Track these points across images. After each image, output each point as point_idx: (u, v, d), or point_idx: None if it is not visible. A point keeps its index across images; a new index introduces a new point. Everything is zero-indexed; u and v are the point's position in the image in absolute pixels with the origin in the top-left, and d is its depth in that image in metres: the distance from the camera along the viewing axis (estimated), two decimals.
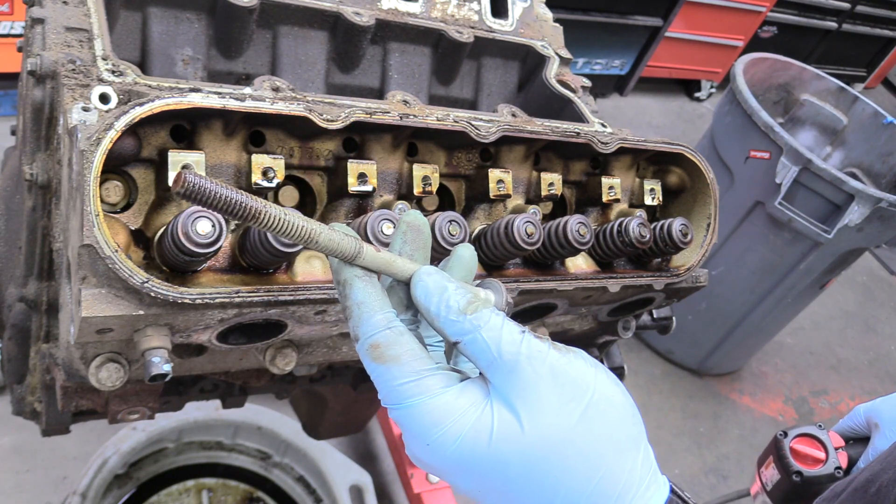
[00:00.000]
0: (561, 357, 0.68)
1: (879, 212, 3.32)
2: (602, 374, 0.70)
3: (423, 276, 0.71)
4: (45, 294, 1.19)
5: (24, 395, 1.37)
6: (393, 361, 0.69)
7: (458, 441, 0.67)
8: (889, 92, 9.93)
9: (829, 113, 4.31)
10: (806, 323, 5.25)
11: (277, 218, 0.66)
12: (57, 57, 1.01)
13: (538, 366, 0.67)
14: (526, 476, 0.67)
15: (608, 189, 1.30)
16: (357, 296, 0.70)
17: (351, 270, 0.71)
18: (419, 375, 0.69)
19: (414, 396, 0.68)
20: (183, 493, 2.80)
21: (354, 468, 2.75)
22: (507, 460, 0.67)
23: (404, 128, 1.07)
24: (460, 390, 0.69)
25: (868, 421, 1.63)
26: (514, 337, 0.68)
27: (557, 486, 0.67)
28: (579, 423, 0.67)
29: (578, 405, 0.67)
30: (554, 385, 0.67)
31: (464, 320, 0.68)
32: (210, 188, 0.62)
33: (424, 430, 0.68)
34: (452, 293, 0.69)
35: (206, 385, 1.53)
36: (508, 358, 0.67)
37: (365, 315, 0.70)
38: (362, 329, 0.70)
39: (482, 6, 1.57)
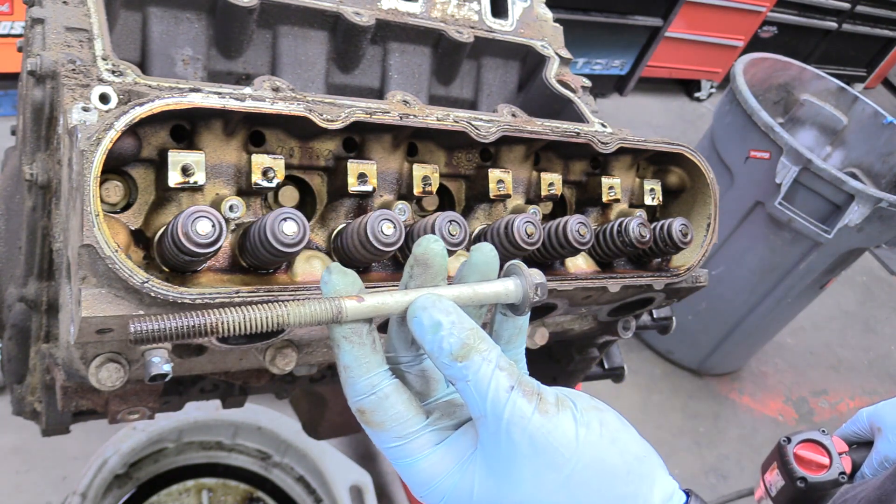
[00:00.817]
0: (544, 423, 0.66)
1: (879, 212, 3.32)
2: (591, 436, 0.67)
3: (418, 310, 0.69)
4: (45, 294, 1.19)
5: (24, 395, 1.37)
6: (378, 427, 0.70)
7: (444, 499, 0.70)
8: (889, 92, 9.93)
9: (829, 113, 4.31)
10: (806, 323, 5.25)
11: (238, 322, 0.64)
12: (57, 57, 1.01)
13: (518, 434, 0.66)
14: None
15: (608, 189, 1.30)
16: (344, 358, 0.70)
17: (339, 330, 0.69)
18: (404, 439, 0.70)
19: (402, 459, 0.71)
20: (183, 493, 2.80)
21: (354, 468, 2.74)
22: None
23: (404, 128, 1.07)
24: (445, 450, 0.70)
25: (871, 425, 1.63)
26: (500, 396, 0.66)
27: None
28: (557, 492, 0.66)
29: (558, 475, 0.66)
30: (532, 455, 0.66)
31: (454, 367, 0.67)
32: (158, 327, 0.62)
33: (416, 486, 0.72)
34: (446, 333, 0.67)
35: (206, 385, 1.53)
36: (492, 420, 0.67)
37: (350, 380, 0.70)
38: (349, 393, 0.71)
39: (482, 6, 1.57)
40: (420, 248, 0.72)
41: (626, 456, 0.69)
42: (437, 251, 0.72)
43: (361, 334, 0.70)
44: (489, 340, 0.69)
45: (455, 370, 0.67)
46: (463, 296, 0.71)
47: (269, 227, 0.87)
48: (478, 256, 0.74)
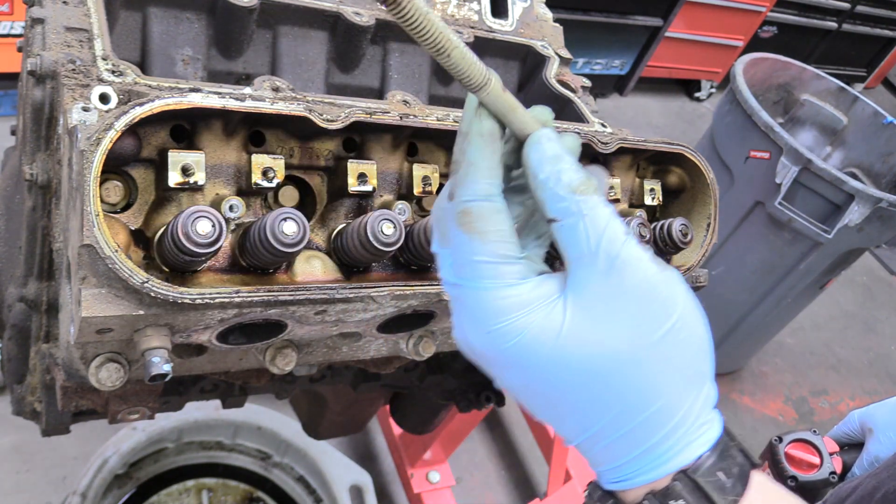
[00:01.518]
0: (658, 272, 0.63)
1: (879, 212, 3.32)
2: (691, 303, 0.65)
3: (544, 138, 0.65)
4: (45, 294, 1.19)
5: (24, 395, 1.37)
6: (479, 235, 0.63)
7: (520, 336, 0.63)
8: (889, 92, 9.93)
9: (829, 113, 4.31)
10: (806, 323, 5.25)
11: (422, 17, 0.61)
12: (57, 57, 1.01)
13: (631, 275, 0.61)
14: (582, 387, 0.63)
15: (608, 189, 1.30)
16: (472, 154, 0.65)
17: (478, 125, 0.65)
18: (500, 259, 0.63)
19: (487, 279, 0.63)
20: (183, 493, 2.80)
21: (354, 468, 2.75)
22: (567, 366, 0.62)
23: (404, 128, 1.07)
24: (537, 283, 0.64)
25: (862, 426, 1.64)
26: (617, 236, 0.62)
27: (610, 406, 0.63)
28: (654, 346, 0.62)
29: (659, 328, 0.62)
30: (641, 300, 0.62)
31: (571, 199, 0.62)
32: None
33: (488, 317, 0.64)
34: (568, 166, 0.63)
35: (206, 385, 1.53)
36: (604, 257, 0.61)
37: (471, 177, 0.64)
38: (461, 190, 0.65)
39: (482, 6, 1.57)
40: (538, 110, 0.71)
41: (708, 332, 0.66)
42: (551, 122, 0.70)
43: (496, 139, 0.65)
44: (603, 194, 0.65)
45: (571, 203, 0.62)
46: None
47: (269, 227, 0.87)
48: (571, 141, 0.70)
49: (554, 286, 0.64)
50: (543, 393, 0.66)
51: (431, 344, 1.22)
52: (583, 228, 0.62)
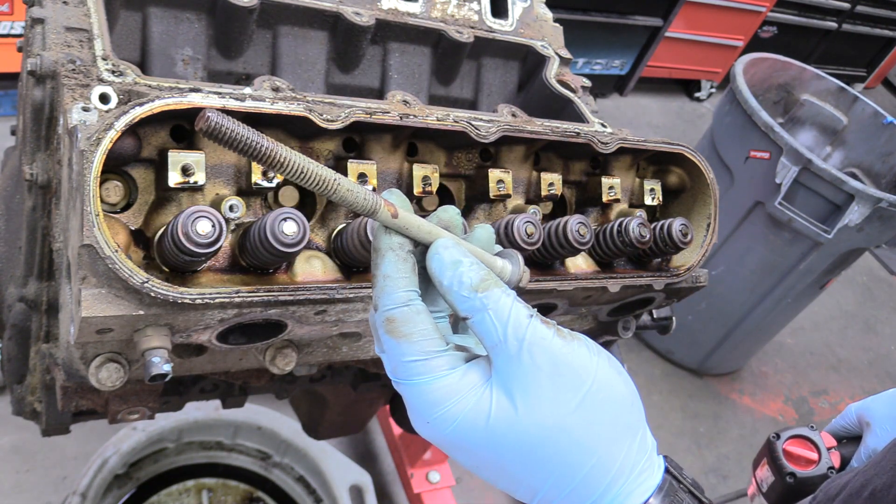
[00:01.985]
0: (564, 345, 0.69)
1: (879, 212, 3.32)
2: (603, 363, 0.71)
3: (440, 248, 0.71)
4: (45, 294, 1.19)
5: (24, 395, 1.37)
6: (405, 338, 0.70)
7: (456, 423, 0.70)
8: (889, 92, 9.93)
9: (829, 113, 4.31)
10: (806, 323, 5.25)
11: (298, 165, 0.65)
12: (57, 57, 1.01)
13: (539, 354, 0.68)
14: (520, 460, 0.70)
15: (608, 189, 1.30)
16: (386, 268, 0.71)
17: (388, 240, 0.72)
18: (427, 356, 0.70)
19: (420, 375, 0.70)
20: (183, 493, 2.80)
21: (354, 468, 2.74)
22: (502, 444, 0.69)
23: (404, 128, 1.07)
24: (463, 372, 0.71)
25: (860, 420, 1.64)
26: (520, 321, 0.69)
27: (549, 471, 0.69)
28: (574, 412, 0.68)
29: (575, 395, 0.68)
30: (553, 375, 0.68)
31: (474, 298, 0.69)
32: (232, 128, 0.62)
33: (426, 409, 0.71)
34: (466, 269, 0.70)
35: (206, 385, 1.53)
36: (512, 343, 0.68)
37: (388, 288, 0.71)
38: (382, 301, 0.71)
39: (482, 6, 1.57)
40: (446, 215, 0.76)
41: (629, 388, 0.72)
42: (458, 222, 0.77)
43: (405, 251, 0.72)
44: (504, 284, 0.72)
45: (475, 301, 0.69)
46: (476, 252, 0.74)
47: (269, 227, 0.87)
48: (481, 233, 0.77)
49: (480, 373, 0.71)
50: (490, 468, 0.73)
51: None
52: (490, 321, 0.69)
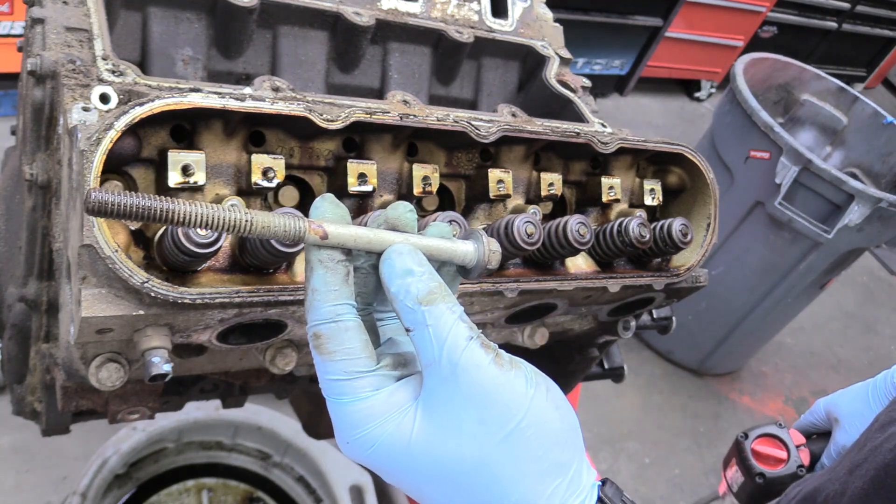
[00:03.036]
0: (499, 374, 0.65)
1: (879, 212, 3.32)
2: (540, 396, 0.67)
3: (394, 254, 0.69)
4: (45, 294, 1.19)
5: (24, 395, 1.37)
6: (328, 356, 0.68)
7: (375, 446, 0.68)
8: (889, 92, 9.93)
9: (829, 113, 4.31)
10: (806, 323, 5.25)
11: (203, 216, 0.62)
12: (57, 57, 1.01)
13: (471, 381, 0.65)
14: (439, 489, 0.67)
15: (608, 189, 1.30)
16: (314, 281, 0.69)
17: (315, 254, 0.69)
18: (350, 376, 0.68)
19: (341, 395, 0.68)
20: (183, 493, 2.80)
21: (354, 468, 2.74)
22: (421, 471, 0.67)
23: (404, 128, 1.07)
24: (389, 394, 0.68)
25: (829, 416, 1.64)
26: (458, 342, 0.65)
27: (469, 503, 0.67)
28: (497, 447, 0.65)
29: (501, 429, 0.65)
30: (480, 405, 0.65)
31: (418, 310, 0.66)
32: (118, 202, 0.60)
33: (346, 429, 0.69)
34: (416, 279, 0.67)
35: (206, 385, 1.53)
36: (445, 364, 0.65)
37: (316, 303, 0.69)
38: (310, 315, 0.69)
39: (482, 6, 1.57)
40: (395, 213, 0.73)
41: (566, 424, 0.69)
42: (410, 219, 0.73)
43: (335, 262, 0.69)
44: (454, 298, 0.69)
45: (418, 314, 0.66)
46: (431, 246, 0.71)
47: None
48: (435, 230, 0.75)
49: (408, 393, 0.69)
50: (410, 491, 0.70)
51: None
52: (428, 337, 0.66)
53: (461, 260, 0.73)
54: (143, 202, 0.61)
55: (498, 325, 1.29)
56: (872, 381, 1.61)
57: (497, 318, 1.25)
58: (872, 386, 1.59)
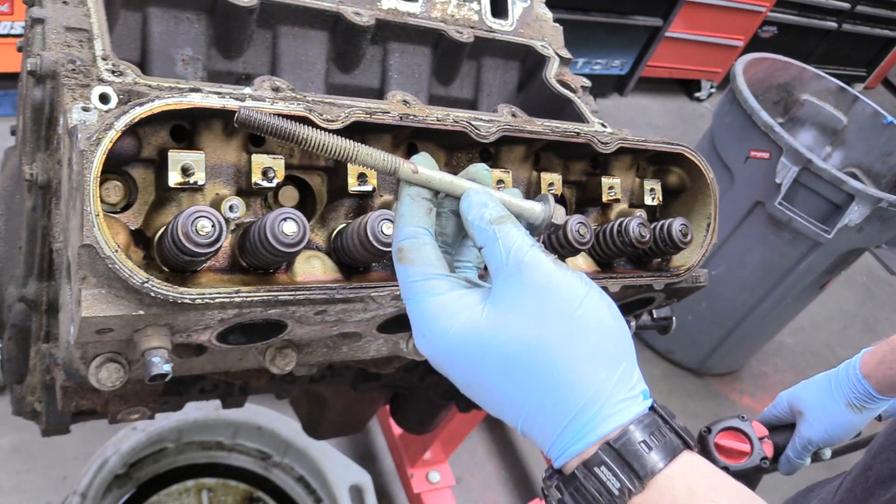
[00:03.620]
0: (557, 270, 0.75)
1: (879, 212, 3.32)
2: (594, 295, 0.76)
3: (471, 193, 0.81)
4: (45, 294, 1.19)
5: (24, 395, 1.37)
6: (409, 262, 0.79)
7: (448, 334, 0.76)
8: (889, 92, 9.93)
9: (829, 113, 4.31)
10: (806, 323, 5.25)
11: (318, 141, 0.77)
12: (57, 57, 1.01)
13: (534, 274, 0.74)
14: (503, 372, 0.75)
15: (608, 189, 1.30)
16: (402, 209, 0.81)
17: (406, 189, 0.82)
18: (426, 277, 0.78)
19: (419, 293, 0.79)
20: (183, 493, 2.80)
21: (354, 468, 2.75)
22: (487, 354, 0.75)
23: (404, 128, 1.07)
24: (461, 294, 0.78)
25: (791, 408, 1.64)
26: (522, 247, 0.76)
27: (531, 386, 0.74)
28: (557, 331, 0.73)
29: (560, 315, 0.73)
30: (542, 293, 0.74)
31: (489, 228, 0.78)
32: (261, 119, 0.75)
33: (423, 322, 0.79)
34: (490, 208, 0.80)
35: (206, 385, 1.53)
36: (512, 263, 0.76)
37: (400, 225, 0.81)
38: (396, 235, 0.81)
39: (482, 6, 1.57)
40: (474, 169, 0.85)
41: (618, 323, 0.77)
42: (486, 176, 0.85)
43: (421, 197, 0.82)
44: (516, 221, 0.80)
45: (489, 231, 0.78)
46: (503, 199, 0.83)
47: (269, 227, 0.87)
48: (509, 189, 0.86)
49: (479, 295, 0.78)
50: (478, 384, 0.77)
51: None
52: (498, 247, 0.77)
53: (529, 215, 0.84)
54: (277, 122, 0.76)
55: None
56: (835, 372, 1.61)
57: None
58: (835, 377, 1.60)
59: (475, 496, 3.53)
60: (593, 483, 0.72)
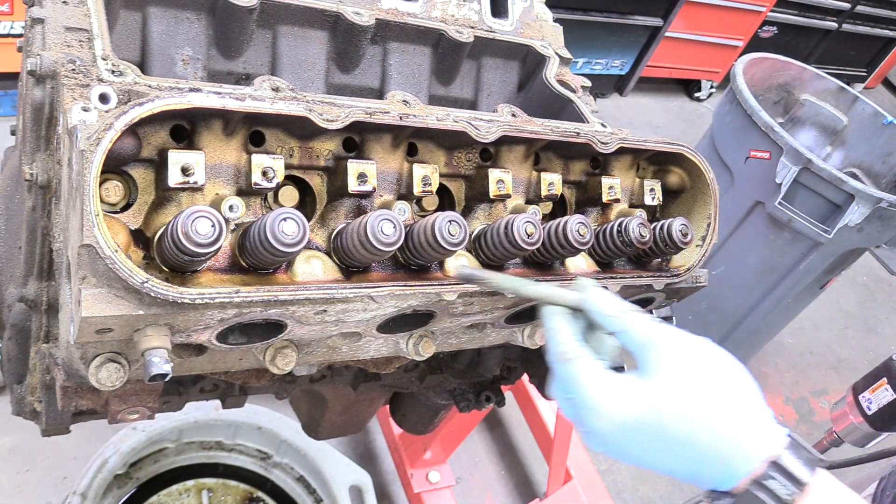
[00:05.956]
0: (693, 340, 0.93)
1: (879, 212, 3.32)
2: (726, 358, 0.93)
3: (592, 297, 1.00)
4: (45, 294, 1.19)
5: (24, 395, 1.37)
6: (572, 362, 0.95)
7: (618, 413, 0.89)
8: (889, 92, 9.93)
9: (829, 113, 4.30)
10: (806, 323, 5.25)
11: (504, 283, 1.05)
12: (57, 57, 1.01)
13: (677, 345, 0.92)
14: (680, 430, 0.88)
15: (608, 189, 1.30)
16: (548, 324, 1.00)
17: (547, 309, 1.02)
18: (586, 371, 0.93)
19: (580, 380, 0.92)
20: (183, 493, 2.80)
21: (354, 468, 2.75)
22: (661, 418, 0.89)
23: (404, 128, 1.07)
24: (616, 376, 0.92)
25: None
26: (655, 325, 0.94)
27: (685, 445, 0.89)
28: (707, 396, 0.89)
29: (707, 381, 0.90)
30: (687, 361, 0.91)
31: (621, 320, 0.96)
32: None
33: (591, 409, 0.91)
34: (611, 303, 0.98)
35: (206, 385, 1.53)
36: (655, 339, 0.93)
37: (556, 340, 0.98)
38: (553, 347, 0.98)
39: (482, 6, 1.57)
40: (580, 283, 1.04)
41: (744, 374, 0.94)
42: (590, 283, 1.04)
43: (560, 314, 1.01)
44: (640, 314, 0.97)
45: (621, 317, 0.96)
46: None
47: (269, 227, 0.87)
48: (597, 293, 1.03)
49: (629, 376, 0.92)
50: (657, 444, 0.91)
51: (431, 344, 1.22)
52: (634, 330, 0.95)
53: None
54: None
55: (498, 325, 1.29)
56: None
57: (497, 318, 1.25)
58: None
59: (475, 496, 3.53)
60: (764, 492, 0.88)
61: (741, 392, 0.91)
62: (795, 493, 0.87)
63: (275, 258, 0.92)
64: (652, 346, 0.92)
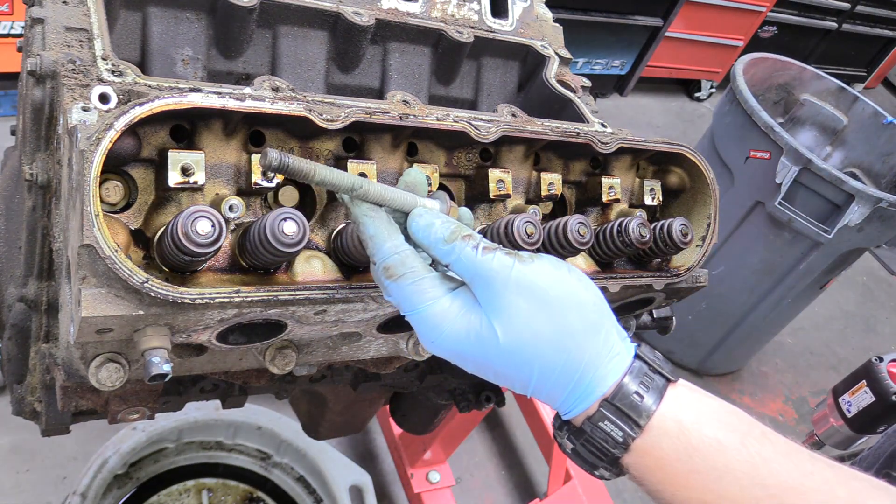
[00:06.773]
0: (525, 267, 0.85)
1: (879, 212, 3.32)
2: (564, 275, 0.87)
3: (416, 217, 0.90)
4: (45, 294, 1.19)
5: (24, 395, 1.37)
6: (400, 279, 0.87)
7: (453, 341, 0.87)
8: (889, 92, 9.93)
9: (829, 113, 4.31)
10: (806, 323, 5.25)
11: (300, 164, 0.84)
12: (57, 57, 1.01)
13: (506, 279, 0.84)
14: (508, 364, 0.87)
15: (608, 189, 1.30)
16: (368, 230, 0.89)
17: (359, 209, 0.89)
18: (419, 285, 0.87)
19: (418, 304, 0.87)
20: (183, 493, 2.81)
21: (354, 468, 2.75)
22: (492, 354, 0.86)
23: (404, 128, 1.07)
24: (451, 298, 0.87)
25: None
26: (486, 257, 0.85)
27: (532, 369, 0.86)
28: (545, 321, 0.84)
29: (543, 307, 0.84)
30: (520, 293, 0.84)
31: (447, 248, 0.87)
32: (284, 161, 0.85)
33: (428, 332, 0.88)
34: (438, 227, 0.88)
35: (206, 385, 1.53)
36: (483, 274, 0.85)
37: (377, 245, 0.88)
38: (377, 255, 0.88)
39: (482, 6, 1.57)
40: (410, 177, 0.94)
41: (591, 291, 0.88)
42: (422, 179, 0.94)
43: (378, 211, 0.89)
44: (470, 229, 0.89)
45: (448, 249, 0.87)
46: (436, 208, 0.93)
47: (269, 227, 0.87)
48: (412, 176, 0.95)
49: (465, 298, 0.88)
50: (486, 372, 0.89)
51: None
52: (462, 263, 0.87)
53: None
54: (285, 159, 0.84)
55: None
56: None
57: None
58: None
59: (475, 496, 3.53)
60: (600, 434, 0.86)
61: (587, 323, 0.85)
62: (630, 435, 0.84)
63: (275, 258, 0.92)
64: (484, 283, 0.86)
